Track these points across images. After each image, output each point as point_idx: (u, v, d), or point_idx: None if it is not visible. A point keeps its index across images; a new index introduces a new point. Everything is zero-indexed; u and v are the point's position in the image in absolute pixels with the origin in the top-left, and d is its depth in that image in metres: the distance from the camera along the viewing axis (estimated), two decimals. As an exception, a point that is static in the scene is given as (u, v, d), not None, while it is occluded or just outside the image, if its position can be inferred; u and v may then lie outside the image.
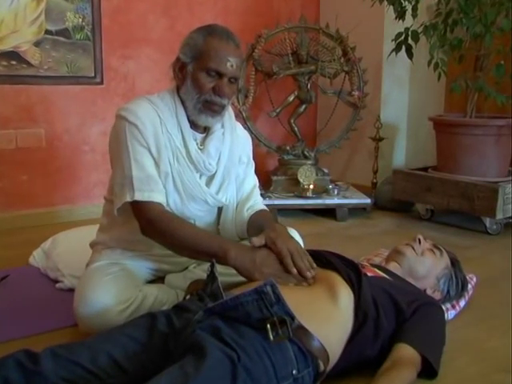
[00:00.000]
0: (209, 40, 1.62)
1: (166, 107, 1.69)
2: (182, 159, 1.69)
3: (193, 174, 1.72)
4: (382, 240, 2.93)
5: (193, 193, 1.73)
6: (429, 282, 1.85)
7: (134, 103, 1.70)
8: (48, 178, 3.29)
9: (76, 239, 2.40)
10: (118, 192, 1.64)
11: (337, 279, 1.46)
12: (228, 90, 1.66)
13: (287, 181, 3.63)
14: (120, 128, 1.65)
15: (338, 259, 1.57)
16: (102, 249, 1.82)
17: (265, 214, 1.82)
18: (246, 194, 1.89)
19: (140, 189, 1.59)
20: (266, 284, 1.26)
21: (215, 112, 1.69)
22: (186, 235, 1.57)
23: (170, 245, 1.62)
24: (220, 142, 1.78)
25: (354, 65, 3.62)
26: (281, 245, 1.51)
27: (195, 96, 1.65)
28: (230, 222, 1.85)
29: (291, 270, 1.47)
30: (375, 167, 3.85)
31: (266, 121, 4.07)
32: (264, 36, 3.54)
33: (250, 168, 1.95)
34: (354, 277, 1.47)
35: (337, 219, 3.45)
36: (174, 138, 1.68)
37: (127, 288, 1.66)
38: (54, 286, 2.17)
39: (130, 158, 1.61)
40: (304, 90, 3.69)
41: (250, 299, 1.25)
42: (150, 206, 1.60)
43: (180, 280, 1.81)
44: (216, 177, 1.79)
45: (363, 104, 3.70)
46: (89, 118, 3.39)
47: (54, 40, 3.16)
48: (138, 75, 3.52)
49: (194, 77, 1.65)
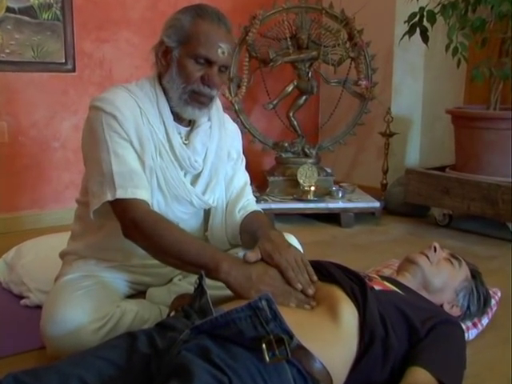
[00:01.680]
0: (198, 22, 1.63)
1: (145, 97, 1.70)
2: (165, 154, 1.70)
3: (177, 171, 1.73)
4: (392, 249, 2.94)
5: (177, 192, 1.74)
6: (446, 296, 1.85)
7: (109, 92, 1.70)
8: (11, 178, 3.28)
9: (44, 249, 2.40)
10: (96, 191, 1.63)
11: (339, 294, 1.46)
12: (218, 79, 1.67)
13: (285, 182, 3.64)
14: (95, 120, 1.65)
15: (341, 271, 1.57)
16: (74, 260, 1.82)
17: (259, 218, 1.83)
18: (236, 193, 1.90)
19: (122, 185, 1.59)
20: (261, 298, 1.26)
21: (202, 104, 1.70)
22: (173, 240, 1.56)
23: (154, 250, 1.61)
24: (207, 136, 1.80)
25: (361, 50, 3.63)
26: (279, 258, 1.52)
27: (181, 86, 1.66)
28: (220, 227, 1.86)
29: (295, 286, 1.48)
30: (385, 166, 3.86)
31: (261, 114, 4.08)
32: (259, 17, 3.55)
33: (240, 164, 1.95)
34: (358, 291, 1.47)
35: (341, 225, 3.46)
36: (157, 131, 1.69)
37: (103, 304, 1.66)
38: (18, 303, 2.16)
39: (109, 152, 1.61)
40: (304, 79, 3.70)
41: (243, 315, 1.25)
42: (134, 203, 1.60)
43: (163, 294, 1.81)
44: (202, 175, 1.80)
45: (371, 95, 3.71)
46: (59, 110, 3.39)
47: (17, 19, 3.16)
48: (116, 61, 3.53)
49: (181, 64, 1.65)
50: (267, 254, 1.53)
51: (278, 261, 1.51)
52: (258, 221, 1.80)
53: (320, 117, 4.51)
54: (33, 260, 2.34)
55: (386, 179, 3.88)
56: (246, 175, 1.98)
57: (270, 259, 1.53)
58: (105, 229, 1.73)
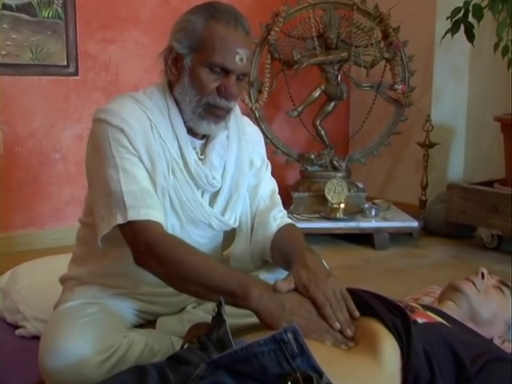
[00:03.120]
0: (212, 25, 1.61)
1: (155, 107, 1.70)
2: (178, 172, 1.70)
3: (193, 190, 1.72)
4: (432, 275, 2.92)
5: (193, 215, 1.74)
6: (496, 329, 1.83)
7: (115, 103, 1.70)
8: (6, 193, 3.32)
9: (42, 273, 2.41)
10: (104, 214, 1.62)
11: (379, 329, 1.45)
12: (236, 90, 1.66)
13: (311, 198, 3.64)
14: (101, 134, 1.65)
15: (380, 302, 1.56)
16: (76, 285, 1.82)
17: (293, 235, 1.80)
18: (264, 203, 1.88)
19: (134, 205, 1.58)
20: (287, 330, 1.25)
21: (219, 117, 1.69)
22: (194, 265, 1.55)
23: (173, 277, 1.59)
24: (224, 148, 1.79)
25: (397, 50, 3.64)
26: (315, 291, 1.49)
27: (194, 98, 1.65)
28: (243, 245, 1.85)
29: (333, 325, 1.45)
30: (424, 181, 3.85)
31: (284, 122, 4.10)
32: (282, 14, 3.57)
33: (266, 170, 1.93)
34: (401, 326, 1.46)
35: (375, 247, 3.46)
36: (169, 146, 1.68)
37: (108, 333, 1.65)
38: (13, 333, 2.17)
39: (117, 170, 1.60)
40: (333, 83, 3.71)
41: (267, 349, 1.24)
42: (148, 226, 1.58)
43: (176, 324, 1.80)
44: (221, 193, 1.80)
45: (409, 100, 3.71)
46: (60, 118, 3.43)
47: (14, 18, 3.21)
48: (123, 64, 3.56)
49: (194, 73, 1.64)
50: (302, 285, 1.51)
51: (315, 294, 1.49)
52: (292, 239, 1.77)
53: (350, 125, 4.51)
54: (29, 285, 2.34)
55: (425, 195, 3.86)
56: (274, 182, 1.96)
57: (305, 291, 1.50)
58: (111, 254, 1.72)
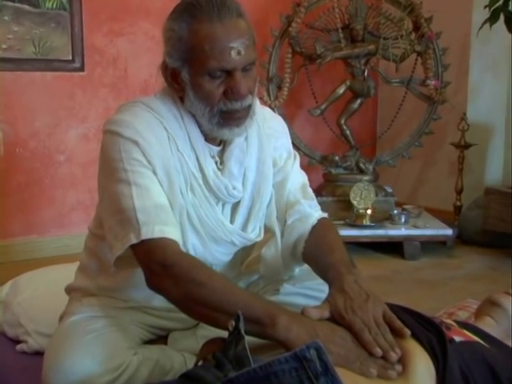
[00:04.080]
0: (196, 28, 1.58)
1: (170, 114, 1.69)
2: (197, 189, 1.70)
3: (212, 207, 1.73)
4: (468, 287, 2.91)
5: (214, 233, 1.74)
6: (537, 347, 1.82)
7: (127, 112, 1.69)
8: (6, 198, 3.35)
9: (45, 283, 2.42)
10: (117, 233, 1.61)
11: (413, 347, 1.45)
12: (245, 85, 1.62)
13: (335, 203, 3.64)
14: (112, 147, 1.64)
15: (413, 317, 1.55)
16: (83, 296, 1.83)
17: (330, 242, 1.76)
18: (294, 196, 1.85)
19: (147, 222, 1.56)
20: (310, 346, 1.25)
21: (239, 119, 1.67)
22: (215, 289, 1.51)
23: (190, 301, 1.55)
24: (243, 153, 1.78)
25: (429, 42, 3.63)
26: (352, 317, 1.46)
27: (205, 109, 1.64)
28: (275, 251, 1.83)
29: (374, 351, 1.40)
30: (459, 185, 3.84)
31: (306, 121, 4.10)
32: (304, 4, 3.58)
33: (293, 163, 1.90)
34: (436, 345, 1.45)
35: (405, 257, 3.45)
36: (187, 160, 1.67)
37: (117, 350, 1.66)
38: (14, 348, 2.18)
39: (129, 184, 1.59)
40: (359, 78, 3.72)
41: (288, 367, 1.24)
42: (163, 244, 1.56)
43: (189, 339, 1.81)
44: (242, 202, 1.80)
45: (442, 97, 3.70)
46: (64, 117, 3.46)
47: (15, 9, 3.24)
48: (132, 58, 3.60)
49: (195, 85, 1.62)
50: (338, 313, 1.48)
51: (351, 320, 1.45)
52: (329, 250, 1.73)
53: (378, 124, 4.51)
54: (31, 297, 2.36)
55: (460, 201, 3.85)
56: (303, 175, 1.94)
57: (340, 319, 1.47)
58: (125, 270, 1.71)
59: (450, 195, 3.89)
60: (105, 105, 3.52)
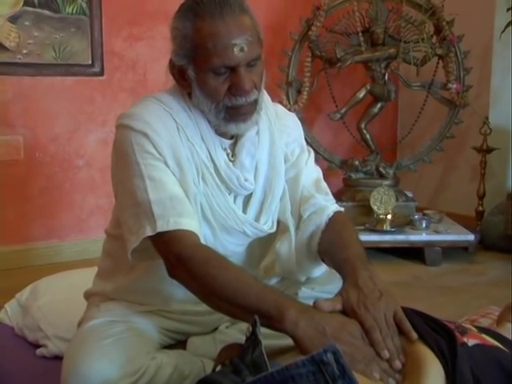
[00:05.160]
0: (199, 26, 1.60)
1: (179, 106, 1.72)
2: (209, 178, 1.71)
3: (224, 196, 1.74)
4: (490, 293, 2.90)
5: (225, 222, 1.75)
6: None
7: (138, 106, 1.74)
8: (26, 203, 3.38)
9: (64, 288, 2.44)
10: (132, 226, 1.63)
11: (422, 351, 1.45)
12: (249, 82, 1.63)
13: (355, 208, 3.64)
14: (124, 141, 1.67)
15: (423, 320, 1.55)
16: (101, 301, 1.85)
17: (345, 237, 1.78)
18: (308, 191, 1.85)
19: (162, 215, 1.59)
20: (327, 350, 1.25)
21: (245, 115, 1.69)
22: (228, 281, 1.54)
23: (205, 293, 1.59)
24: (255, 146, 1.80)
25: (451, 46, 3.62)
26: (364, 313, 1.47)
27: (211, 105, 1.66)
28: (289, 246, 1.83)
29: (382, 353, 1.42)
30: (481, 190, 3.82)
31: (326, 125, 4.10)
32: (324, 8, 3.59)
33: (307, 158, 1.91)
34: (446, 348, 1.45)
35: (426, 263, 3.44)
36: (198, 149, 1.70)
37: (135, 355, 1.67)
38: (34, 352, 2.18)
39: (143, 177, 1.62)
40: (380, 82, 3.71)
41: (305, 371, 1.24)
42: (179, 236, 1.59)
43: (208, 344, 1.82)
44: (254, 195, 1.81)
45: (464, 101, 3.68)
46: (84, 122, 3.49)
47: (36, 14, 3.27)
48: (151, 63, 3.62)
49: (201, 82, 1.65)
50: (350, 307, 1.49)
51: (363, 317, 1.46)
52: (344, 246, 1.74)
53: (399, 129, 4.50)
54: (51, 301, 2.38)
55: (482, 206, 3.83)
56: (318, 170, 1.94)
57: (353, 313, 1.48)
58: (140, 268, 1.74)
59: (472, 200, 3.87)
60: (124, 109, 3.45)
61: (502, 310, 1.94)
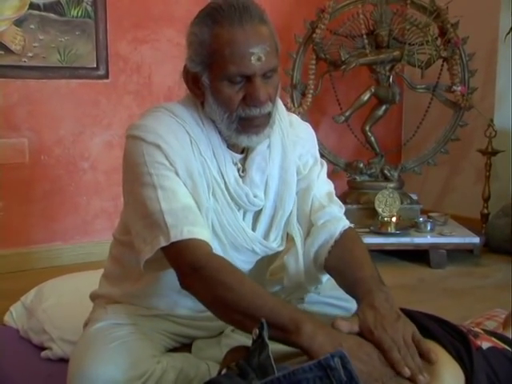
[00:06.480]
0: (217, 33, 1.57)
1: (192, 119, 1.69)
2: (219, 193, 1.69)
3: (234, 214, 1.73)
4: (496, 296, 2.89)
5: (235, 240, 1.74)
6: None
7: (149, 117, 1.70)
8: (31, 205, 3.38)
9: (69, 290, 2.44)
10: (146, 237, 1.61)
11: (440, 356, 1.44)
12: (264, 93, 1.60)
13: (360, 211, 3.64)
14: (135, 152, 1.65)
15: (439, 325, 1.55)
16: (107, 303, 1.85)
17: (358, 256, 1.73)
18: (319, 202, 1.82)
19: (175, 224, 1.56)
20: (334, 355, 1.25)
21: (258, 127, 1.66)
22: (243, 293, 1.50)
23: (217, 303, 1.55)
24: (265, 161, 1.77)
25: (455, 48, 3.61)
26: (382, 334, 1.43)
27: (224, 115, 1.63)
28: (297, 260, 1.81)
29: (402, 371, 1.37)
30: (486, 192, 3.81)
31: (330, 128, 4.10)
32: (328, 10, 3.58)
33: (320, 170, 1.88)
34: (464, 352, 1.44)
35: (431, 266, 3.43)
36: (210, 164, 1.67)
37: (140, 358, 1.67)
38: (39, 355, 2.19)
39: (154, 188, 1.60)
40: (384, 84, 3.71)
41: (312, 376, 1.24)
42: (192, 245, 1.56)
43: (213, 348, 1.81)
44: (264, 211, 1.79)
45: (469, 103, 3.68)
46: (89, 125, 3.49)
47: (41, 17, 3.28)
48: (156, 66, 3.62)
49: (215, 90, 1.62)
50: (367, 328, 1.45)
51: (381, 338, 1.42)
52: (357, 266, 1.69)
53: (403, 131, 4.49)
54: (56, 304, 2.37)
55: (487, 208, 3.83)
56: (330, 184, 1.91)
57: (370, 334, 1.45)
58: (149, 276, 1.73)
59: (477, 203, 3.87)
60: (129, 112, 3.54)
61: (509, 312, 1.93)
